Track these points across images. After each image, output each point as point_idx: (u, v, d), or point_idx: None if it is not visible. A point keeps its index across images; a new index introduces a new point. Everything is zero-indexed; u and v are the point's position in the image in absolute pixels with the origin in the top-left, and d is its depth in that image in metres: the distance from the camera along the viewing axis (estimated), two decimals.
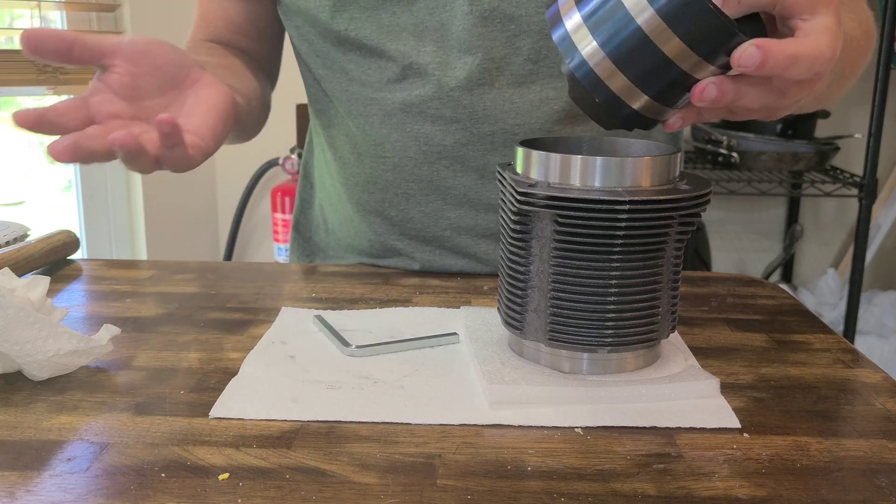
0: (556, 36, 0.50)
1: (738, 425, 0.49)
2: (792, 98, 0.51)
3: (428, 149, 0.79)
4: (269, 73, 0.92)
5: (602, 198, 0.49)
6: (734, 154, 1.82)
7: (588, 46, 0.49)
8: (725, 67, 0.49)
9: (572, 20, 0.50)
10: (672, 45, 0.47)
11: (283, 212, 2.08)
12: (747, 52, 0.46)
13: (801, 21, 0.49)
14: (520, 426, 0.49)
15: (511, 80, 0.75)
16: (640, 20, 0.47)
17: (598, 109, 0.51)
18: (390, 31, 0.75)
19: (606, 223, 0.50)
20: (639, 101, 0.50)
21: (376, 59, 0.77)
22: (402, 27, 0.75)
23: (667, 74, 0.48)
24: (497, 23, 0.74)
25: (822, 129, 1.95)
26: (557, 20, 0.51)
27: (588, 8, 0.49)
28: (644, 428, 0.49)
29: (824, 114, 1.85)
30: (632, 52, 0.48)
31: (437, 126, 0.77)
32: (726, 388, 0.54)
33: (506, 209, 0.55)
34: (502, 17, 0.73)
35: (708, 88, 0.48)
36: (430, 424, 0.49)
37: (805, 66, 0.47)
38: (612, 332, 0.52)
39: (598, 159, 0.51)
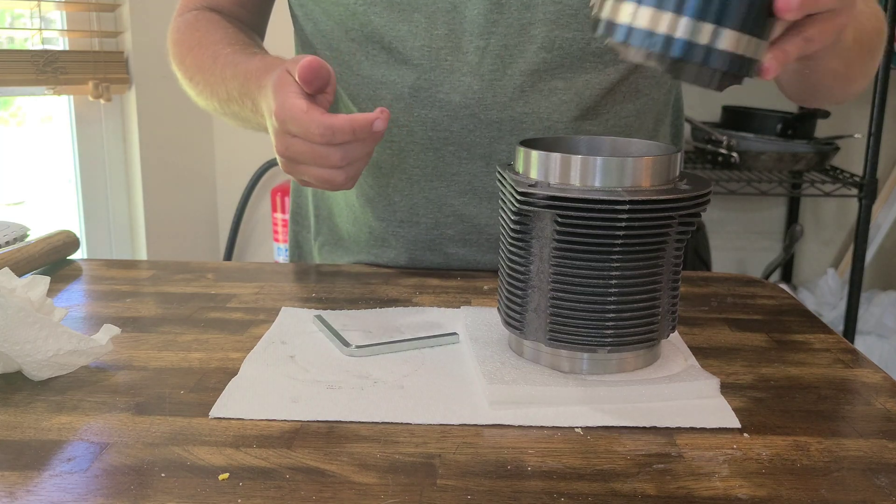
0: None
1: (738, 425, 0.49)
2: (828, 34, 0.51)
3: (434, 134, 0.79)
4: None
5: (602, 198, 0.49)
6: (734, 154, 1.82)
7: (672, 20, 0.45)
8: None
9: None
10: None
11: (283, 212, 2.09)
12: None
13: None
14: (520, 426, 0.49)
15: (523, 69, 0.75)
16: None
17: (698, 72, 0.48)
18: (402, 10, 0.75)
19: (606, 223, 0.50)
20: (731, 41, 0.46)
21: (387, 40, 0.76)
22: (415, 7, 0.74)
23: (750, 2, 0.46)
24: (513, 10, 0.73)
25: (822, 129, 1.95)
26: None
27: None
28: (644, 428, 0.49)
29: (824, 114, 1.84)
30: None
31: (444, 111, 0.77)
32: (726, 388, 0.54)
33: (506, 209, 0.55)
34: (518, 4, 0.73)
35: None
36: (430, 424, 0.49)
37: None
38: (611, 332, 0.52)
39: (598, 159, 0.51)
